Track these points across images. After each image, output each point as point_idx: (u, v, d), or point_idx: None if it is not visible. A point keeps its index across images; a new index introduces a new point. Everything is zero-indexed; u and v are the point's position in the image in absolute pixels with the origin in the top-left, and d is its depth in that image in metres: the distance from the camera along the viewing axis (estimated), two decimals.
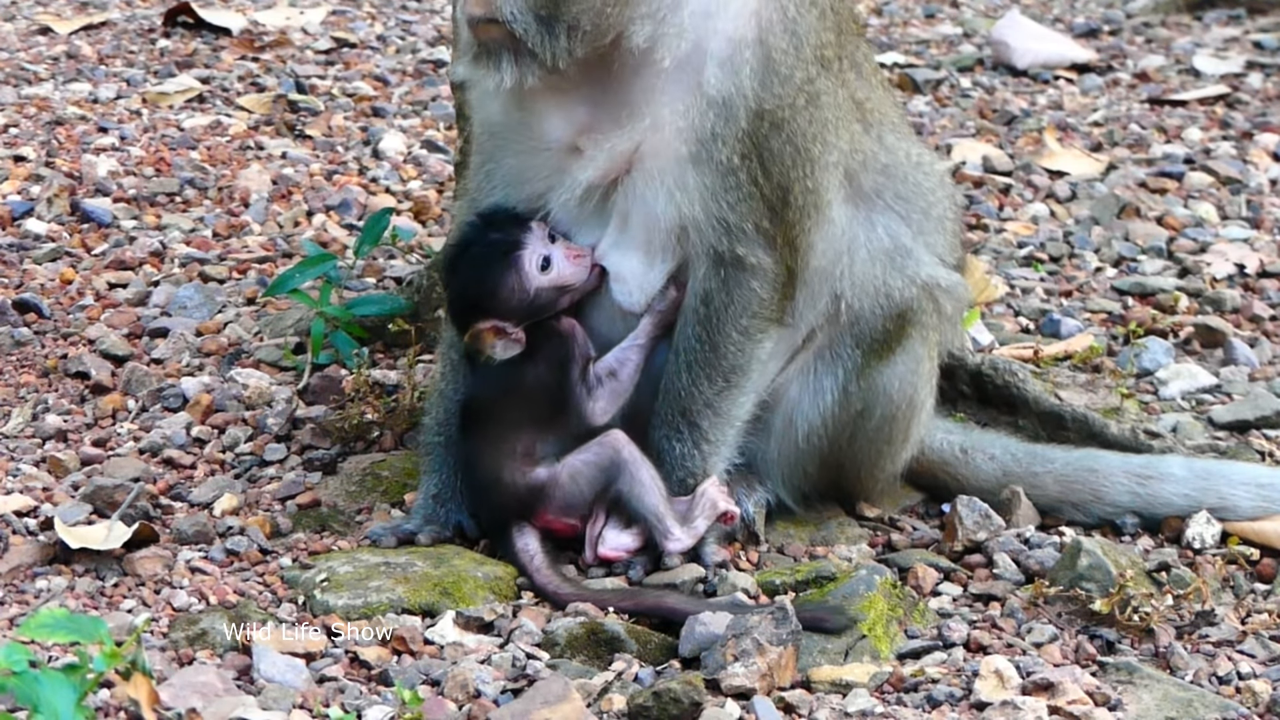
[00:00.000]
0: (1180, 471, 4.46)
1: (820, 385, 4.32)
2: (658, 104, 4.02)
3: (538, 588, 4.09)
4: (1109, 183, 6.39)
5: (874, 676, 3.80)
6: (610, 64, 4.01)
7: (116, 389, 5.01)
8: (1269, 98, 7.40)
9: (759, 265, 4.10)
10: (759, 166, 4.04)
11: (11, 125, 6.76)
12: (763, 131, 4.02)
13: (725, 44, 4.00)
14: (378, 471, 4.57)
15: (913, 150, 4.42)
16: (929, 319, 4.35)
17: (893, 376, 4.32)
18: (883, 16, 8.69)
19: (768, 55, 4.02)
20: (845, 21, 4.26)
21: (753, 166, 4.04)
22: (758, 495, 4.37)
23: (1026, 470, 4.52)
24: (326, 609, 3.97)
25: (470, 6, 3.96)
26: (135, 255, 5.74)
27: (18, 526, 4.31)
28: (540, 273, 4.13)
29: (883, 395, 4.32)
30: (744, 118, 4.01)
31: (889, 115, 4.39)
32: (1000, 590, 4.16)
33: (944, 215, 4.44)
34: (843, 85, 4.19)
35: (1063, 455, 4.54)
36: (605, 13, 3.92)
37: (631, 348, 4.20)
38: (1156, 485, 4.45)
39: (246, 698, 3.60)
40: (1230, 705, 3.74)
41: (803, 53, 4.06)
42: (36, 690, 3.21)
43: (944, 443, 4.59)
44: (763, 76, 4.01)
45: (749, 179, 4.05)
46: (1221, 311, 5.47)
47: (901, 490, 4.60)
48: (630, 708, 3.62)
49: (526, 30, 3.91)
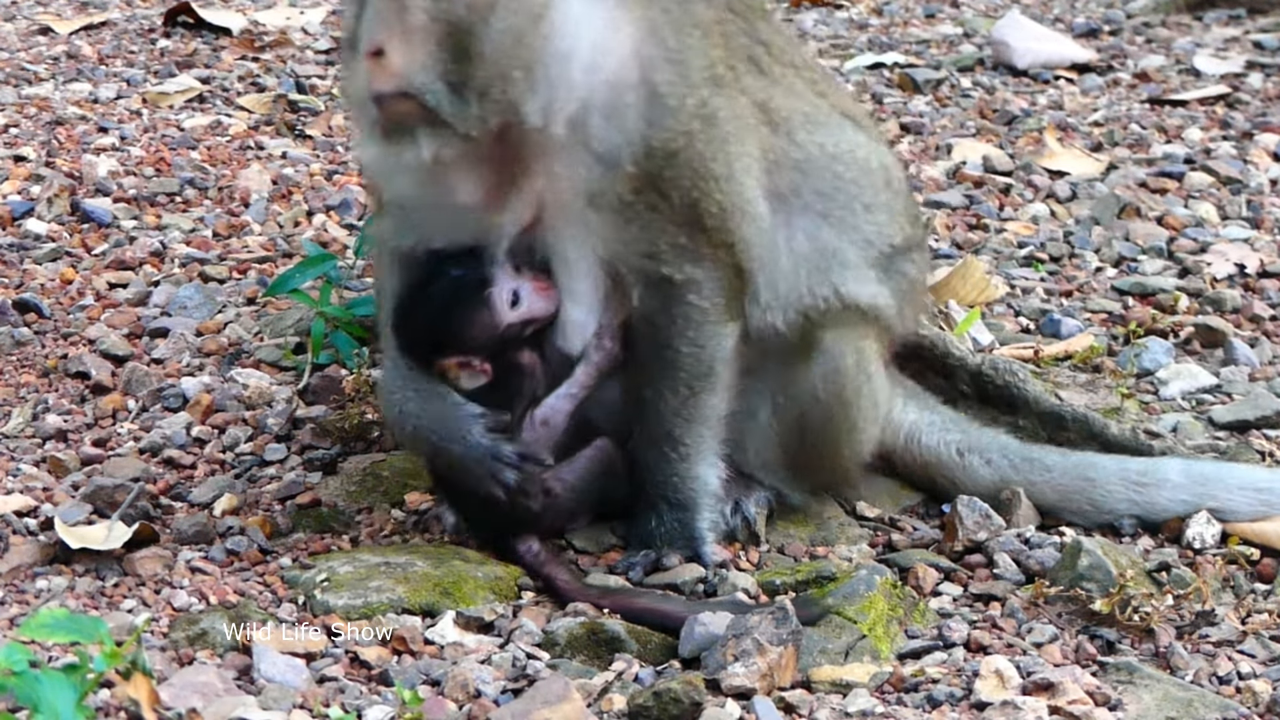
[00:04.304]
0: (1177, 477, 4.44)
1: (753, 401, 4.31)
2: (550, 161, 3.99)
3: (547, 583, 4.09)
4: (1109, 183, 6.39)
5: (874, 676, 3.80)
6: (511, 127, 3.95)
7: (117, 389, 5.01)
8: (1269, 98, 7.40)
9: (690, 279, 4.09)
10: (657, 196, 4.02)
11: (12, 125, 6.76)
12: (655, 166, 4.00)
13: (608, 93, 3.97)
14: (378, 471, 4.57)
15: (829, 141, 4.33)
16: (849, 324, 4.31)
17: (813, 379, 4.30)
18: (883, 16, 8.68)
19: (652, 93, 4.00)
20: (736, 24, 4.22)
21: (651, 198, 4.01)
22: (758, 495, 4.37)
23: (1024, 479, 4.51)
24: (327, 609, 3.97)
25: (377, 83, 3.81)
26: (135, 255, 5.74)
27: (18, 526, 4.31)
28: (510, 309, 4.11)
29: (809, 399, 4.31)
30: (629, 161, 3.98)
31: (799, 108, 4.31)
32: (1000, 590, 4.16)
33: (877, 198, 4.37)
34: (742, 93, 4.17)
35: (1060, 461, 4.52)
36: (511, 77, 3.87)
37: (564, 397, 4.19)
38: (1153, 492, 4.44)
39: (246, 698, 3.60)
40: (1230, 705, 3.74)
41: (690, 79, 4.05)
42: (37, 690, 3.21)
43: (940, 443, 4.58)
44: (649, 115, 3.99)
45: (648, 208, 4.02)
46: (1222, 311, 5.47)
47: (901, 490, 4.60)
48: (630, 708, 3.62)
49: (439, 100, 3.82)
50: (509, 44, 3.85)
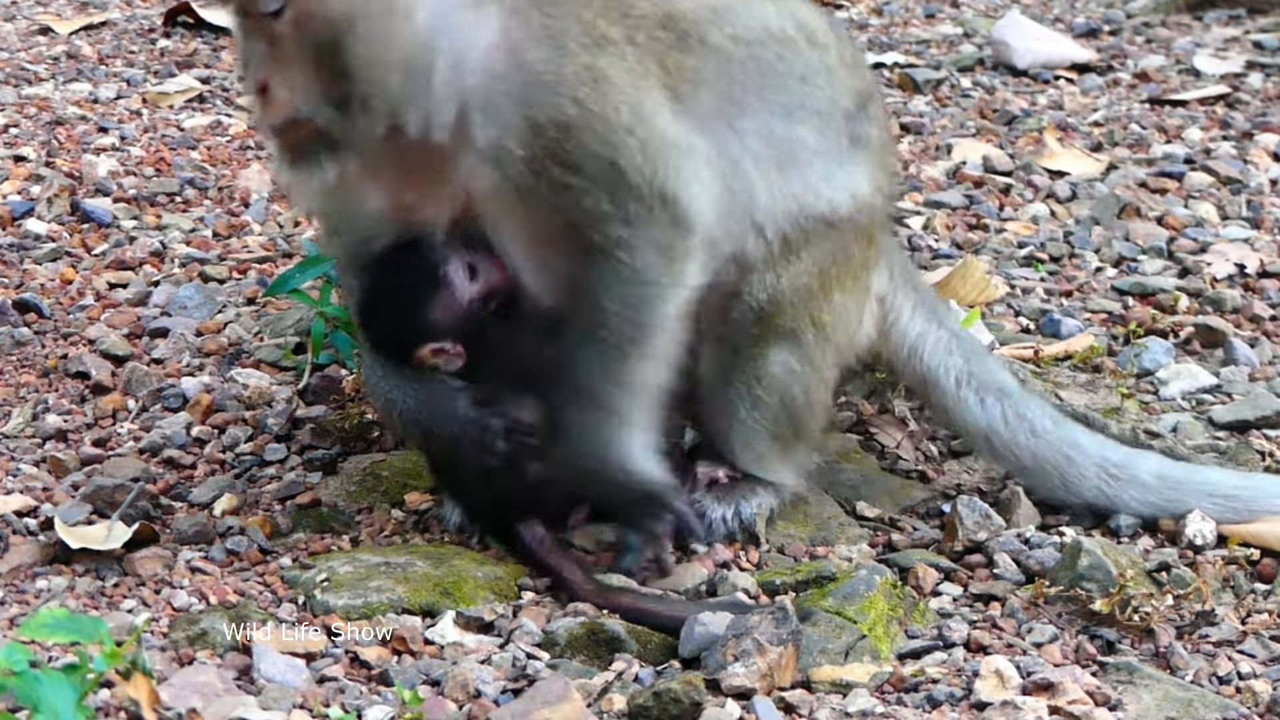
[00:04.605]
0: (1149, 478, 4.42)
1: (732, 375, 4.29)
2: (450, 165, 3.98)
3: (550, 572, 4.10)
4: (1109, 183, 6.39)
5: (874, 676, 3.80)
6: (403, 136, 3.95)
7: (116, 389, 5.01)
8: (1269, 98, 7.40)
9: (619, 239, 3.97)
10: (567, 170, 3.96)
11: (11, 125, 6.76)
12: (552, 143, 3.94)
13: (482, 88, 3.93)
14: (378, 471, 4.57)
15: (739, 28, 4.19)
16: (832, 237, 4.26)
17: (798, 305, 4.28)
18: (883, 16, 8.69)
19: (527, 76, 3.94)
20: None
21: (560, 173, 3.95)
22: (760, 498, 4.37)
23: (1010, 436, 4.47)
24: (326, 609, 3.97)
25: (269, 117, 3.91)
26: (135, 255, 5.74)
27: (18, 526, 4.31)
28: (469, 283, 4.12)
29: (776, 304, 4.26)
30: (521, 148, 3.93)
31: (704, 5, 4.17)
32: (1000, 590, 4.16)
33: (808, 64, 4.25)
34: (638, 27, 4.04)
35: (1050, 429, 4.47)
36: (387, 87, 3.87)
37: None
38: (1123, 487, 4.42)
39: (246, 698, 3.60)
40: (1230, 705, 3.74)
41: (568, 49, 3.98)
42: (36, 690, 3.21)
43: (941, 366, 4.52)
44: (528, 98, 3.93)
45: (561, 185, 3.96)
46: (1222, 311, 5.47)
47: (901, 490, 4.60)
48: (630, 708, 3.62)
49: (328, 121, 3.87)
50: (378, 55, 3.85)
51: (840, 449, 4.74)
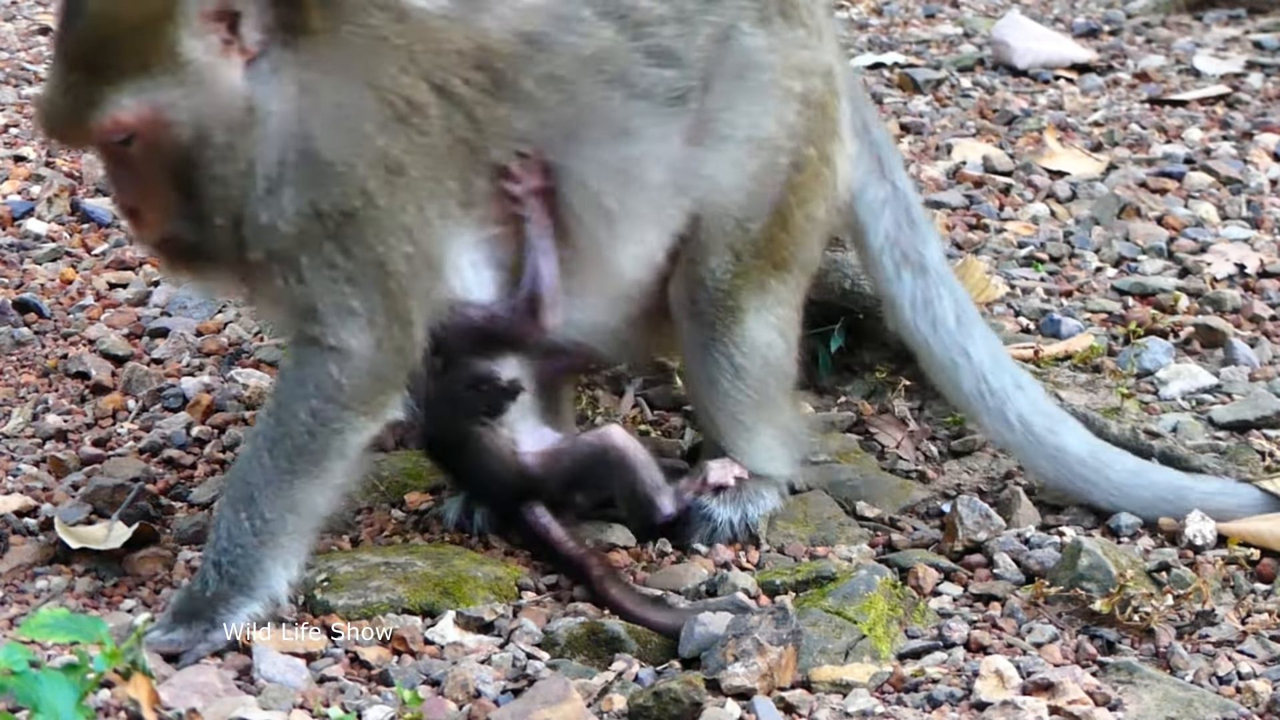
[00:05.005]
0: (1014, 418, 4.42)
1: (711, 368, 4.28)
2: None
3: (559, 557, 4.11)
4: (1109, 183, 6.39)
5: (874, 676, 3.80)
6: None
7: (117, 389, 5.02)
8: (1269, 98, 7.40)
9: (339, 348, 3.86)
10: (335, 248, 3.85)
11: (11, 125, 6.76)
12: (328, 225, 3.84)
13: (264, 180, 3.83)
14: (378, 471, 4.57)
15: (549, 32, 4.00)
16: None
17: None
18: (883, 16, 8.69)
19: (318, 167, 3.82)
20: (421, 41, 3.93)
21: (327, 249, 3.84)
22: (763, 501, 4.37)
23: (910, 318, 4.46)
24: (327, 609, 3.97)
25: (142, 237, 3.98)
26: (135, 255, 5.74)
27: (18, 526, 4.31)
28: None
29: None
30: (297, 227, 3.84)
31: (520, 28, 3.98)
32: (1000, 590, 4.16)
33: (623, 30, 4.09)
34: (446, 117, 3.92)
35: (953, 330, 4.45)
36: (221, 198, 3.83)
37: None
38: (997, 403, 4.41)
39: (247, 698, 3.60)
40: (1230, 705, 3.74)
41: (362, 132, 3.84)
42: (36, 690, 3.21)
43: (872, 223, 4.48)
44: (316, 187, 3.82)
45: (324, 261, 3.84)
46: (1221, 311, 5.47)
47: (901, 490, 4.60)
48: (630, 708, 3.62)
49: (195, 234, 3.87)
50: (224, 172, 3.82)
51: (840, 449, 4.74)
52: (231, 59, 3.81)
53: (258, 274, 3.91)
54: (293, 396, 3.88)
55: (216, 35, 3.79)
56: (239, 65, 3.81)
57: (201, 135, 3.79)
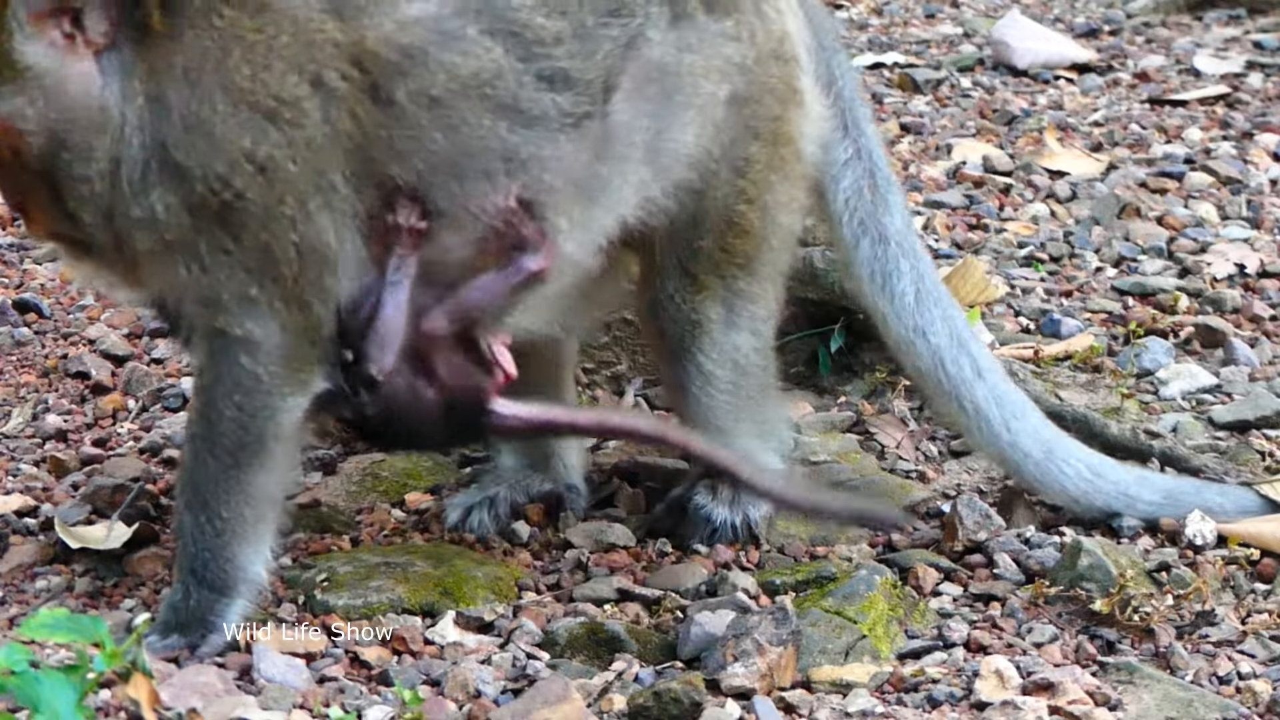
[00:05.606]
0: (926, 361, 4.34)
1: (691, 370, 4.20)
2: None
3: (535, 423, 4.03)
4: (1109, 183, 6.39)
5: (874, 676, 3.80)
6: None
7: (117, 389, 5.02)
8: (1269, 98, 7.40)
9: (246, 338, 3.79)
10: (227, 237, 3.76)
11: None
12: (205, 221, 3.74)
13: (130, 180, 3.75)
14: (378, 471, 4.57)
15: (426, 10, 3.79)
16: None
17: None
18: (883, 16, 8.69)
19: (177, 173, 3.73)
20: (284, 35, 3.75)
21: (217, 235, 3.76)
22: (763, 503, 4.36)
23: (868, 288, 4.33)
24: (327, 609, 3.97)
25: (34, 232, 4.01)
26: None
27: (18, 526, 4.31)
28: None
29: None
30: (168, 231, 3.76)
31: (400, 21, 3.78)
32: (1000, 590, 4.16)
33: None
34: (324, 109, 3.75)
35: (911, 306, 4.32)
36: (88, 196, 3.78)
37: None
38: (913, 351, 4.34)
39: (247, 698, 3.60)
40: (1230, 705, 3.74)
41: (216, 138, 3.72)
42: (36, 690, 3.22)
43: (835, 184, 4.30)
44: (181, 188, 3.74)
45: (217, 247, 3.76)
46: (1221, 311, 5.47)
47: (901, 490, 4.60)
48: (630, 708, 3.62)
49: (80, 230, 3.83)
50: (85, 171, 3.77)
51: (840, 449, 4.74)
52: (79, 53, 3.73)
53: (158, 268, 3.81)
54: (216, 394, 3.83)
55: (57, 32, 3.71)
56: (88, 58, 3.74)
57: (57, 138, 3.73)
